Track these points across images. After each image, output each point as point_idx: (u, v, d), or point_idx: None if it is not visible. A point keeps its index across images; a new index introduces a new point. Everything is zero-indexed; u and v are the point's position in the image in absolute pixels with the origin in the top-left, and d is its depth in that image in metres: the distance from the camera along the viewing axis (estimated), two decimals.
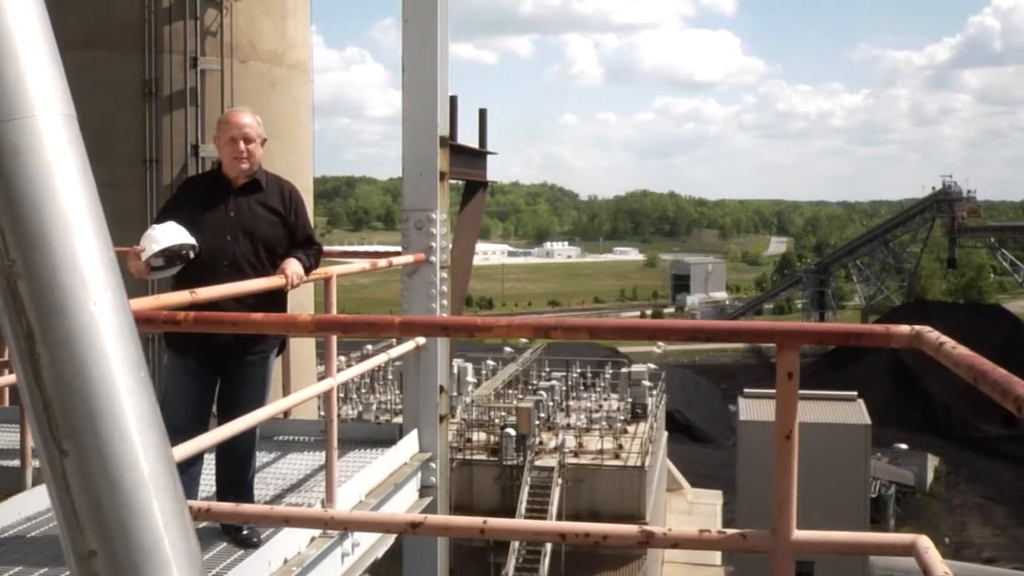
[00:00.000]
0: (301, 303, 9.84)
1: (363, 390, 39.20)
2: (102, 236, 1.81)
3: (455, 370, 37.39)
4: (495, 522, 2.90)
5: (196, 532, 1.83)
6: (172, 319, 2.92)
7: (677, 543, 2.69)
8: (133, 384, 1.76)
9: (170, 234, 4.87)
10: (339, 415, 27.00)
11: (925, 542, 2.61)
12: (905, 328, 2.61)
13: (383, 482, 6.13)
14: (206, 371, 5.16)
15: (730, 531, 2.78)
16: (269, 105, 17.28)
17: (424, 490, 6.73)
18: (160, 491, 1.74)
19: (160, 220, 5.09)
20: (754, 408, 40.23)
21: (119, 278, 1.84)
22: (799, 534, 2.71)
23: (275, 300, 5.15)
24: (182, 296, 3.61)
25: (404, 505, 6.33)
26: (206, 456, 5.07)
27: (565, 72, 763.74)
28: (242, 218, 5.26)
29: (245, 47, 16.90)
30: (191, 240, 4.96)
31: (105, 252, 1.80)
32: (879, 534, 2.93)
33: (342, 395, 37.56)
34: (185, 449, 3.87)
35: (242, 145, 5.28)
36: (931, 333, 2.52)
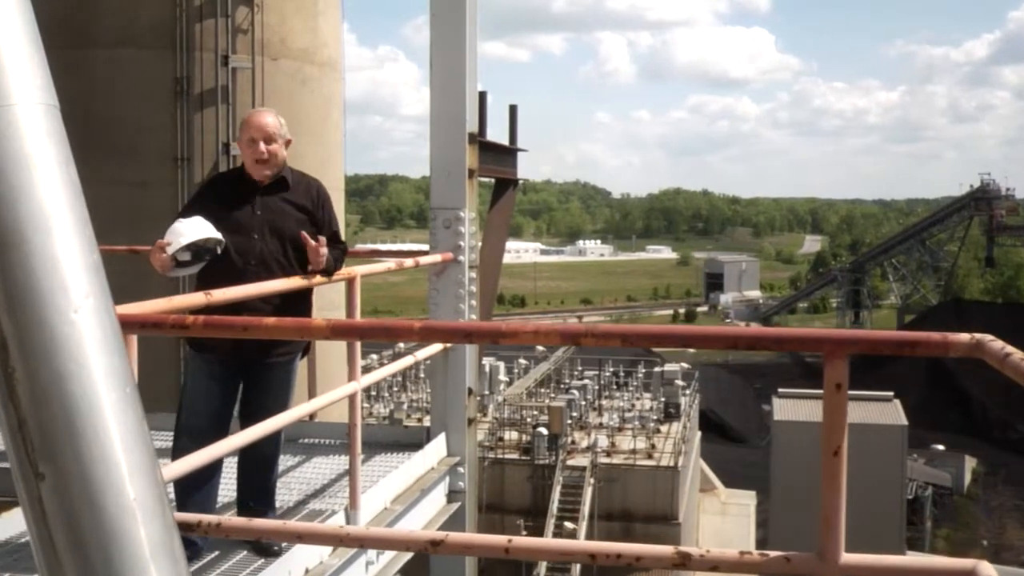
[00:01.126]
0: (332, 301, 9.71)
1: (395, 388, 39.16)
2: (85, 236, 1.65)
3: (487, 368, 37.29)
4: (521, 541, 2.73)
5: (213, 539, 1.65)
6: (180, 323, 2.77)
7: (716, 566, 2.50)
8: (118, 401, 1.61)
9: (196, 228, 4.73)
10: (370, 413, 26.97)
11: (987, 568, 2.41)
12: (964, 337, 2.41)
13: (410, 487, 5.96)
14: (229, 373, 5.00)
15: (773, 553, 2.58)
16: (300, 103, 17.23)
17: (452, 495, 6.57)
18: (147, 518, 1.58)
19: (185, 216, 4.95)
20: (788, 408, 39.89)
21: (103, 283, 1.68)
22: (848, 557, 2.52)
23: (301, 300, 5.02)
24: (196, 298, 3.46)
25: (431, 512, 6.17)
26: (226, 459, 4.90)
27: (598, 70, 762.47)
28: (270, 216, 5.12)
29: (276, 45, 16.84)
30: (218, 235, 4.82)
31: (88, 254, 1.64)
32: (936, 558, 2.73)
33: (373, 393, 37.53)
34: (206, 455, 3.72)
35: (262, 146, 5.13)
36: (995, 343, 2.32)
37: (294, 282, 4.75)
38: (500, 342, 2.61)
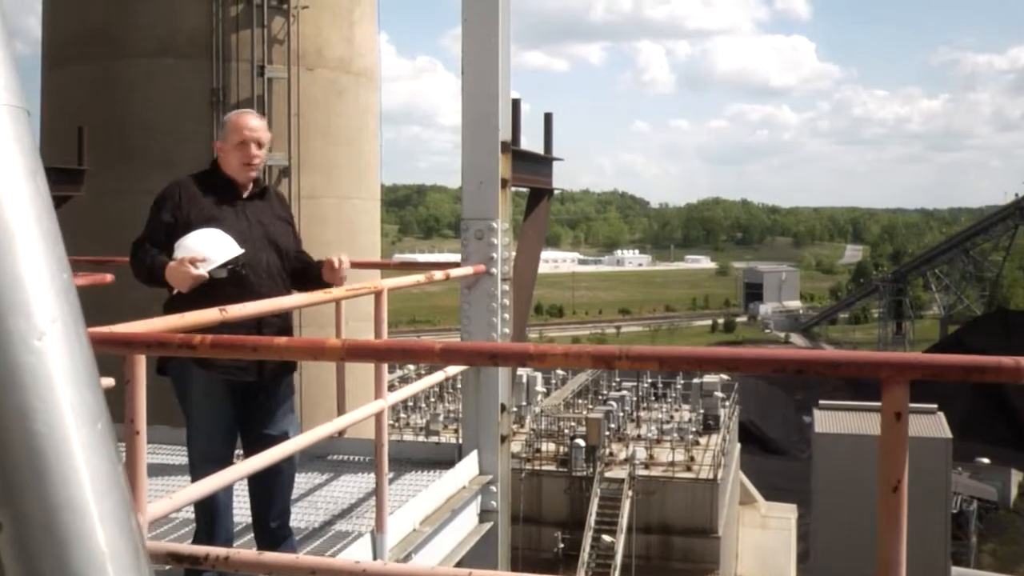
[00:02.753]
0: (368, 312, 9.53)
1: (431, 398, 39.07)
2: (54, 254, 1.47)
3: (524, 379, 37.09)
4: None
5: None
6: (187, 343, 2.60)
7: None
8: (89, 439, 1.43)
9: (223, 244, 4.53)
10: (407, 424, 26.69)
11: None
12: None
13: (440, 507, 5.75)
14: (233, 389, 4.74)
15: None
16: (336, 112, 17.18)
17: (484, 515, 6.36)
18: (120, 570, 1.39)
19: (171, 229, 4.70)
20: (830, 420, 39.31)
21: (75, 306, 1.49)
22: None
23: (290, 316, 4.86)
24: (210, 314, 3.28)
25: (462, 533, 5.95)
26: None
27: (637, 79, 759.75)
28: (265, 228, 4.87)
29: (312, 55, 16.82)
30: (241, 249, 4.65)
31: (57, 274, 1.46)
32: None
33: (410, 404, 37.45)
34: (228, 477, 3.54)
35: (254, 149, 4.86)
36: None
37: (317, 296, 4.55)
38: (528, 365, 2.42)
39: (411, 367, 36.41)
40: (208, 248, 4.54)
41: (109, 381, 3.46)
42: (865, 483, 36.63)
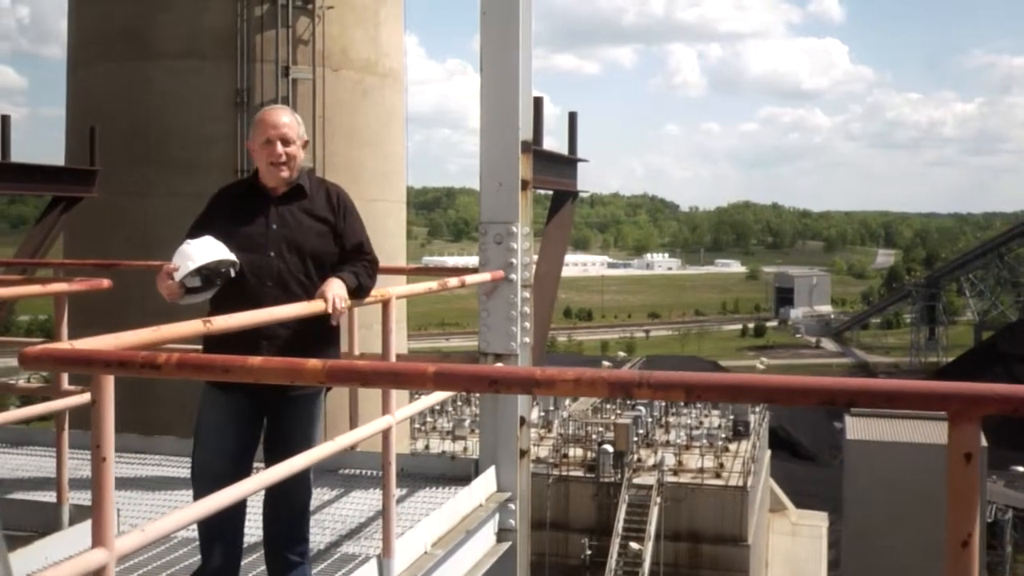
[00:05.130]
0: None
1: (458, 402, 38.80)
2: None
3: None
4: None
5: None
6: (150, 362, 2.28)
7: None
8: None
9: (206, 250, 4.24)
10: (433, 427, 26.43)
11: None
12: None
13: (454, 527, 5.42)
14: (249, 408, 4.47)
15: None
16: (361, 114, 16.95)
17: (502, 534, 6.02)
18: None
19: (192, 236, 4.42)
20: (861, 426, 38.81)
21: None
22: None
23: (323, 325, 4.49)
24: (192, 326, 2.98)
25: (477, 554, 5.61)
26: (252, 500, 4.39)
27: (668, 82, 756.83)
28: (287, 231, 4.54)
29: (337, 55, 16.59)
30: (231, 256, 4.33)
31: None
32: None
33: (438, 408, 37.16)
34: (225, 498, 3.25)
35: (280, 148, 4.54)
36: None
37: (315, 306, 4.22)
38: (534, 392, 2.12)
39: None
40: (191, 254, 4.25)
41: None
42: (897, 490, 36.14)
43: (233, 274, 4.30)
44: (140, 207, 15.43)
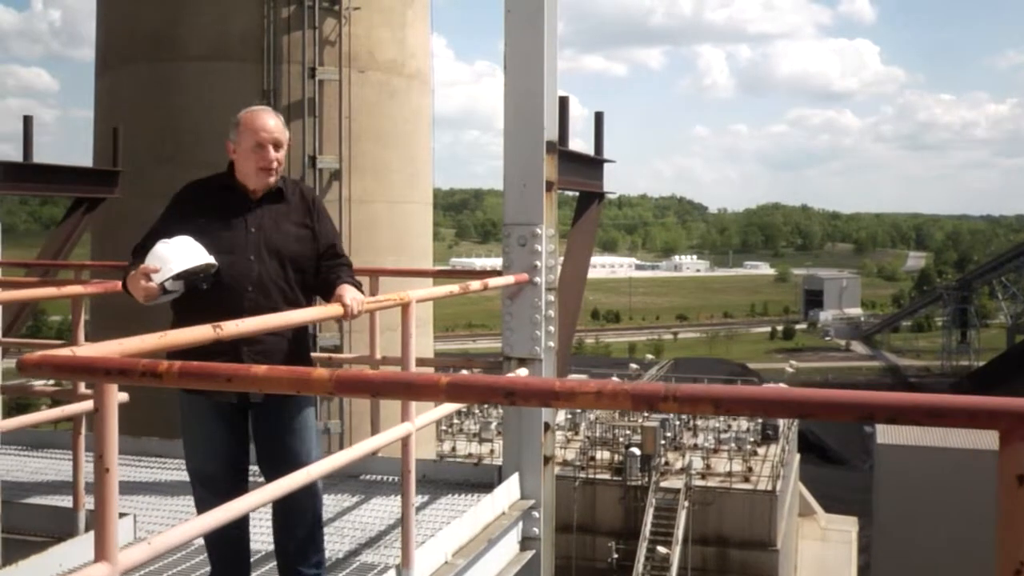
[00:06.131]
0: (418, 319, 9.17)
1: (485, 404, 38.68)
2: None
3: None
4: None
5: None
6: (151, 370, 2.19)
7: None
8: None
9: (187, 253, 4.11)
10: (460, 429, 26.36)
11: None
12: None
13: (475, 537, 5.29)
14: (227, 407, 4.31)
15: None
16: (388, 115, 16.89)
17: (525, 543, 5.90)
18: None
19: (165, 234, 4.24)
20: (892, 430, 38.41)
21: None
22: None
23: (300, 332, 4.41)
24: (202, 332, 2.88)
25: (500, 564, 5.47)
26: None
27: (696, 83, 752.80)
28: (267, 235, 4.39)
29: (364, 57, 16.54)
30: (211, 259, 4.19)
31: None
32: None
33: (465, 409, 37.04)
34: (227, 513, 3.12)
35: (272, 153, 4.39)
36: None
37: (330, 310, 4.11)
38: (552, 405, 2.00)
39: (466, 373, 36.13)
40: (171, 257, 4.12)
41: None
42: (929, 494, 35.70)
43: (213, 278, 4.18)
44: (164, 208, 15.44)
